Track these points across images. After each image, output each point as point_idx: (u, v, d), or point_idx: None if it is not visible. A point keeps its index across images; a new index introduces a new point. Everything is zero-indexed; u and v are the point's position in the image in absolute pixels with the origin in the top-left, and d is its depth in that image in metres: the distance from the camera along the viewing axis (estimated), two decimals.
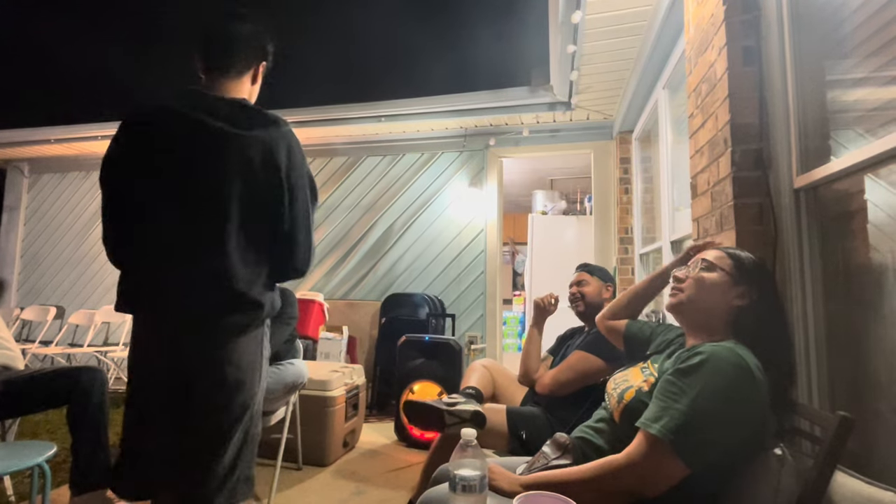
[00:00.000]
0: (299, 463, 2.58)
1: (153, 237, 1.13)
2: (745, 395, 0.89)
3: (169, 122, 1.13)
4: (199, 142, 1.11)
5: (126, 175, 1.16)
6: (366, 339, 4.17)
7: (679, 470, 0.88)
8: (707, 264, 1.08)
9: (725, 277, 1.05)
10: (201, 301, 1.11)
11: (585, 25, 2.45)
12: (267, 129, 1.15)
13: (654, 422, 0.90)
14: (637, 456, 0.90)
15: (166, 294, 1.12)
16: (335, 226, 4.48)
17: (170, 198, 1.12)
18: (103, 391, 1.92)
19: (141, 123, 1.16)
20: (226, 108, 1.13)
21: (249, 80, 1.25)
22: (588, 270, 2.08)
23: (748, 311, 1.02)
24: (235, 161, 1.11)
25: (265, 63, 1.29)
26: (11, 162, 5.38)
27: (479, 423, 1.64)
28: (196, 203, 1.12)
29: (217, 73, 1.19)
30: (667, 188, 2.59)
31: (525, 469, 1.12)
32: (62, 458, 2.37)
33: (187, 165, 1.11)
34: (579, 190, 5.82)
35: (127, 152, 1.16)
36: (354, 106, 3.99)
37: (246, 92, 1.25)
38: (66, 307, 5.06)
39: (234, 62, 1.19)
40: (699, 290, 1.07)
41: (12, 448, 1.63)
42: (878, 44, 1.08)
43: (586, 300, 2.01)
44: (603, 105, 3.57)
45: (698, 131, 1.61)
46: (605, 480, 0.93)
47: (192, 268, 1.11)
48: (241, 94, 1.23)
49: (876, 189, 1.06)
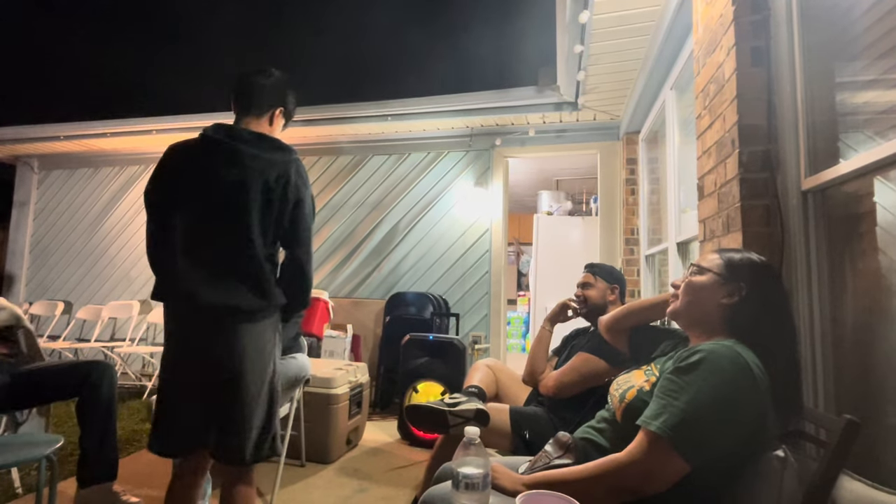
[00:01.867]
0: (303, 460, 2.59)
1: (190, 240, 1.39)
2: (743, 392, 0.89)
3: (203, 145, 1.43)
4: (227, 159, 1.40)
5: (168, 188, 1.44)
6: (370, 337, 4.18)
7: (679, 466, 0.88)
8: (697, 268, 1.11)
9: (714, 278, 1.06)
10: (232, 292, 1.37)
11: (593, 25, 2.44)
12: (281, 153, 1.45)
13: (653, 419, 0.91)
14: (638, 453, 0.91)
15: (198, 286, 1.36)
16: (341, 224, 4.50)
17: (203, 205, 1.40)
18: (113, 386, 1.94)
19: (183, 147, 1.46)
20: (249, 136, 1.44)
21: (267, 122, 1.53)
22: (593, 272, 2.04)
23: (740, 309, 1.02)
24: (257, 175, 1.38)
25: (282, 109, 1.56)
26: (21, 158, 5.43)
27: (482, 421, 1.64)
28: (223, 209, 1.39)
29: (241, 112, 1.51)
30: (673, 189, 2.58)
31: (527, 468, 1.12)
32: (69, 451, 2.39)
33: (217, 178, 1.39)
34: (585, 191, 5.80)
35: (170, 171, 1.45)
36: (360, 105, 4.00)
37: (265, 130, 1.52)
38: (73, 302, 5.11)
39: (253, 105, 1.50)
40: (691, 293, 1.09)
41: (19, 440, 1.66)
42: (888, 45, 1.08)
43: (589, 304, 1.98)
44: (610, 105, 3.56)
45: (706, 132, 1.60)
46: (607, 479, 0.93)
47: (221, 264, 1.37)
48: (261, 131, 1.50)
49: (885, 191, 1.05)
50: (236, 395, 1.34)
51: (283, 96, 1.55)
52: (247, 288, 1.36)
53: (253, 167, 1.39)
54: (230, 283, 1.36)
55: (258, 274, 1.38)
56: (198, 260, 1.37)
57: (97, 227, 5.20)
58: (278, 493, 2.19)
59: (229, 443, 1.34)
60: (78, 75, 8.14)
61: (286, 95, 1.56)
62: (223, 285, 1.35)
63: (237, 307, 1.35)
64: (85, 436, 1.87)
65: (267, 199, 1.39)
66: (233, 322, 1.35)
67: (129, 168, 5.17)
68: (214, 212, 1.39)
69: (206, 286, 1.34)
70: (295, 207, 1.43)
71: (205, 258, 1.37)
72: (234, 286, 1.35)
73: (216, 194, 1.38)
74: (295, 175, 1.43)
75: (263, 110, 1.51)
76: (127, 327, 4.66)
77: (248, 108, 1.50)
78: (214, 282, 1.35)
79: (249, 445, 1.35)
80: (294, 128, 4.13)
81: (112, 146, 5.00)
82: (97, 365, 1.95)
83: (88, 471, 1.85)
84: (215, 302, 1.34)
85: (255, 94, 1.50)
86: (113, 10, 8.42)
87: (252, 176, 1.38)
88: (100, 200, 5.24)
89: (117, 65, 7.59)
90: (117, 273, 5.09)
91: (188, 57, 8.29)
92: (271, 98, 1.52)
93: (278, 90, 1.54)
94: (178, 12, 8.15)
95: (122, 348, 4.14)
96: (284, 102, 1.55)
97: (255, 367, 1.37)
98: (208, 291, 1.34)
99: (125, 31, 8.49)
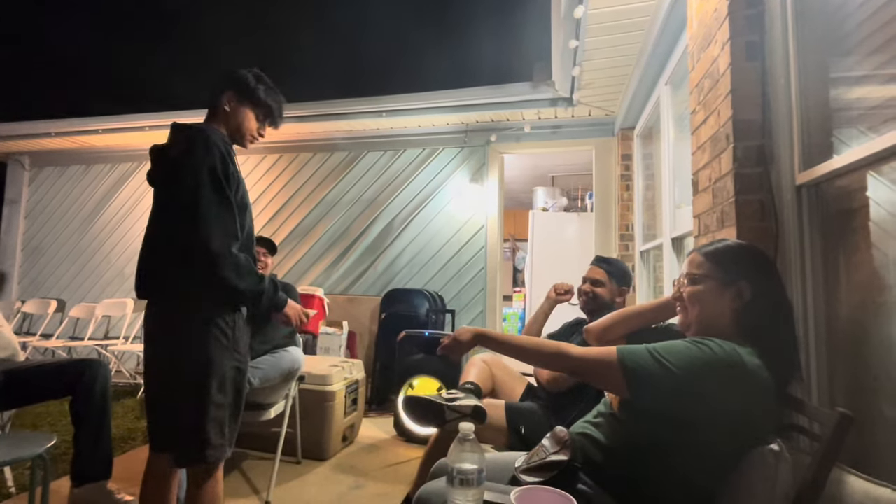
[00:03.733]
0: (298, 457, 2.59)
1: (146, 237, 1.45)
2: (721, 379, 0.89)
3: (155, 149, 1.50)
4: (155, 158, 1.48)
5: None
6: (366, 334, 4.18)
7: (614, 376, 0.95)
8: (691, 277, 1.08)
9: (712, 283, 1.04)
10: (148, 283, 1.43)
11: (588, 20, 2.44)
12: (181, 133, 1.44)
13: (630, 351, 0.96)
14: (592, 353, 1.01)
15: (139, 280, 1.44)
16: (336, 221, 4.48)
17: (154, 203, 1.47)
18: (106, 384, 1.93)
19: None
20: (172, 127, 1.48)
21: (224, 108, 1.52)
22: (608, 270, 1.95)
23: (751, 309, 1.01)
24: (167, 164, 1.42)
25: (234, 91, 1.52)
26: (12, 155, 5.37)
27: (479, 418, 1.64)
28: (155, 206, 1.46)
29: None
30: (668, 185, 2.59)
31: (524, 462, 1.12)
32: (63, 450, 2.38)
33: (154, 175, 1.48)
34: (580, 187, 5.80)
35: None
36: (355, 101, 3.98)
37: (220, 118, 1.52)
38: (66, 300, 5.07)
39: (210, 101, 1.54)
40: (698, 303, 1.06)
41: (13, 439, 1.64)
42: (881, 40, 1.08)
43: (598, 301, 1.93)
44: (605, 101, 3.56)
45: (700, 127, 1.60)
46: (556, 360, 1.06)
47: (146, 257, 1.42)
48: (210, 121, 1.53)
49: (878, 186, 1.05)
50: (158, 391, 1.39)
51: (228, 78, 1.52)
52: (159, 279, 1.39)
53: (164, 158, 1.43)
54: (149, 274, 1.40)
55: (163, 263, 1.38)
56: (142, 255, 1.43)
57: (90, 225, 5.16)
58: (274, 491, 2.19)
59: (166, 442, 1.38)
60: (70, 71, 8.05)
61: (234, 77, 1.52)
62: (147, 277, 1.41)
63: (151, 299, 1.40)
64: (79, 434, 1.85)
65: (164, 182, 1.43)
66: (153, 314, 1.40)
67: (121, 165, 5.13)
68: (153, 209, 1.46)
69: (141, 279, 1.42)
70: (176, 179, 1.36)
71: (142, 253, 1.43)
72: (151, 277, 1.40)
73: (155, 193, 1.46)
74: (182, 147, 1.39)
75: (214, 101, 1.52)
76: (121, 325, 4.63)
77: (208, 104, 1.54)
78: (144, 274, 1.41)
79: (177, 447, 1.36)
80: (288, 125, 4.11)
81: (104, 143, 4.95)
82: (91, 363, 1.93)
83: (82, 469, 1.84)
84: (141, 296, 1.42)
85: (211, 91, 1.53)
86: (107, 4, 8.33)
87: (164, 166, 1.44)
88: (92, 198, 5.19)
89: (110, 60, 7.51)
90: (111, 271, 5.05)
91: (181, 52, 8.23)
92: (218, 85, 1.52)
93: (224, 76, 1.53)
94: (171, 10, 8.07)
95: (115, 346, 4.11)
96: (233, 82, 1.52)
97: (173, 363, 1.35)
98: (140, 284, 1.42)
99: (119, 26, 8.40)
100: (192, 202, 1.31)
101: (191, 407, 1.33)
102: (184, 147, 1.38)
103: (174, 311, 1.37)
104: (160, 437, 1.39)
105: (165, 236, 1.38)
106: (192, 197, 1.31)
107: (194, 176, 1.32)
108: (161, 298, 1.40)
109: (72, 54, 7.88)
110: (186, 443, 1.33)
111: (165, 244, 1.38)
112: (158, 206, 1.44)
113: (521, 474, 1.07)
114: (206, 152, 1.36)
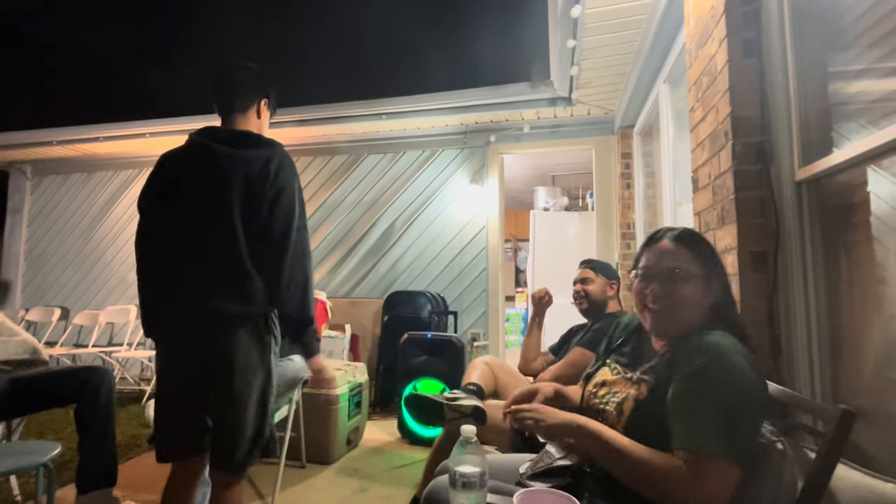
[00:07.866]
0: (303, 461, 2.59)
1: (176, 247, 1.36)
2: (750, 374, 0.88)
3: (189, 150, 1.41)
4: (206, 162, 1.36)
5: (158, 196, 1.41)
6: (368, 336, 4.18)
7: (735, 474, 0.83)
8: (678, 273, 0.99)
9: (699, 283, 0.99)
10: (214, 296, 1.33)
11: (585, 20, 2.44)
12: (262, 149, 1.38)
13: (696, 437, 0.84)
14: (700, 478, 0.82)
15: (181, 292, 1.34)
16: (337, 224, 4.48)
17: (188, 211, 1.36)
18: (111, 391, 1.93)
19: (171, 155, 1.44)
20: (226, 135, 1.41)
21: (255, 115, 1.49)
22: (592, 267, 2.10)
23: (722, 303, 1.00)
24: (237, 175, 1.33)
25: (266, 100, 1.52)
26: (14, 164, 5.40)
27: (479, 418, 1.64)
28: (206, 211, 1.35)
29: (225, 112, 1.47)
30: (668, 183, 2.58)
31: (529, 468, 1.11)
32: (68, 458, 2.38)
33: (199, 182, 1.36)
34: (581, 186, 5.80)
35: (160, 179, 1.42)
36: (355, 104, 3.98)
37: (253, 125, 1.48)
38: (70, 308, 5.09)
39: (237, 102, 1.46)
40: (674, 303, 0.99)
41: (18, 447, 1.65)
42: (879, 34, 1.07)
43: (590, 298, 2.03)
44: (604, 100, 3.56)
45: (699, 125, 1.60)
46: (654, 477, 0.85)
47: (203, 269, 1.33)
48: (247, 128, 1.46)
49: (879, 180, 1.05)
50: (225, 401, 1.32)
51: (265, 86, 1.50)
52: (229, 291, 1.31)
53: (231, 167, 1.34)
54: (212, 287, 1.31)
55: (240, 276, 1.32)
56: (182, 266, 1.34)
57: (92, 232, 5.17)
58: (279, 495, 2.19)
59: (222, 448, 1.34)
60: (71, 77, 8.09)
61: (268, 85, 1.52)
62: (205, 290, 1.31)
63: (217, 310, 1.30)
64: (84, 442, 1.85)
65: (248, 198, 1.33)
66: (216, 327, 1.32)
67: (123, 172, 5.15)
68: (198, 217, 1.35)
69: (189, 291, 1.32)
70: (275, 199, 1.35)
71: (189, 264, 1.34)
72: (216, 290, 1.31)
73: (200, 199, 1.35)
74: (277, 167, 1.36)
75: (248, 106, 1.47)
76: (125, 332, 4.64)
77: (231, 106, 1.45)
78: (197, 286, 1.32)
79: (241, 451, 1.34)
80: (288, 128, 4.12)
81: (105, 150, 4.97)
82: (95, 370, 1.93)
83: (88, 477, 1.84)
84: (197, 307, 1.31)
85: (237, 91, 1.45)
86: (109, 7, 8.37)
87: (232, 176, 1.33)
88: (94, 205, 5.21)
89: (111, 66, 7.54)
90: (114, 278, 5.06)
91: (182, 58, 8.26)
92: (254, 90, 1.48)
93: (259, 81, 1.49)
94: (173, 17, 8.10)
95: (120, 353, 4.12)
96: (268, 92, 1.51)
97: (243, 372, 1.32)
98: (190, 296, 1.32)
99: (119, 30, 8.43)
100: (286, 227, 1.34)
101: (258, 414, 1.35)
102: (288, 169, 1.38)
103: (239, 327, 1.33)
104: (222, 451, 1.34)
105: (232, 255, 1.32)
106: (287, 223, 1.34)
107: (292, 203, 1.36)
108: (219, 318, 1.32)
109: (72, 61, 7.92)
110: (252, 448, 1.34)
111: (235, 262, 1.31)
112: (218, 219, 1.32)
113: (527, 480, 1.06)
114: (296, 175, 1.41)
